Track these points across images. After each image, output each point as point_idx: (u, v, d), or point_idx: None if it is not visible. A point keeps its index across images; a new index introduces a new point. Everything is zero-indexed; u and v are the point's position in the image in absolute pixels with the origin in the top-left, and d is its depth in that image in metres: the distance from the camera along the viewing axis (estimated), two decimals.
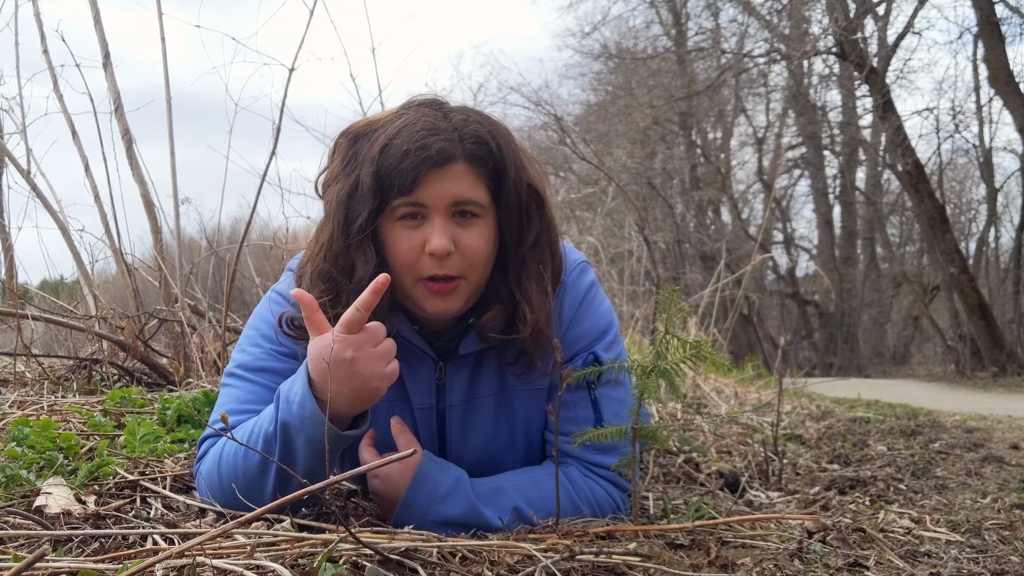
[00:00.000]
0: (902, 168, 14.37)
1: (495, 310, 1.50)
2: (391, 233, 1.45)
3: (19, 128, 3.23)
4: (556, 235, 1.57)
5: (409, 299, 1.49)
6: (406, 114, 1.46)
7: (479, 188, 1.45)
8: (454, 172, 1.42)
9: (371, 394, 1.31)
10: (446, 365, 1.57)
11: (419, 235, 1.43)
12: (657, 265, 7.39)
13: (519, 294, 1.49)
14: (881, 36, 16.91)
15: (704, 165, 21.21)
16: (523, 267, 1.51)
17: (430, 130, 1.41)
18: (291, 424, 1.30)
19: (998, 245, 20.49)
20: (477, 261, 1.46)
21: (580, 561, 1.19)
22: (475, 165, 1.44)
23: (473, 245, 1.44)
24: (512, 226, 1.50)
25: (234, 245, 3.24)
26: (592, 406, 1.58)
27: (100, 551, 1.17)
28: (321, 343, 1.28)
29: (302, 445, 1.29)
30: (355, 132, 1.50)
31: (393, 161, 1.40)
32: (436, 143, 1.40)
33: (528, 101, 16.06)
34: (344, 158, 1.49)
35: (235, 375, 1.53)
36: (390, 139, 1.42)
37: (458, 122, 1.45)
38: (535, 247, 1.52)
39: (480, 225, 1.46)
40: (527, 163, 1.53)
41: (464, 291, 1.47)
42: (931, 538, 1.64)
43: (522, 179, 1.49)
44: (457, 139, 1.42)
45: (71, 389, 2.62)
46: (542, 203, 1.53)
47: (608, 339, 1.62)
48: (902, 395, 8.02)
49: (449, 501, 1.42)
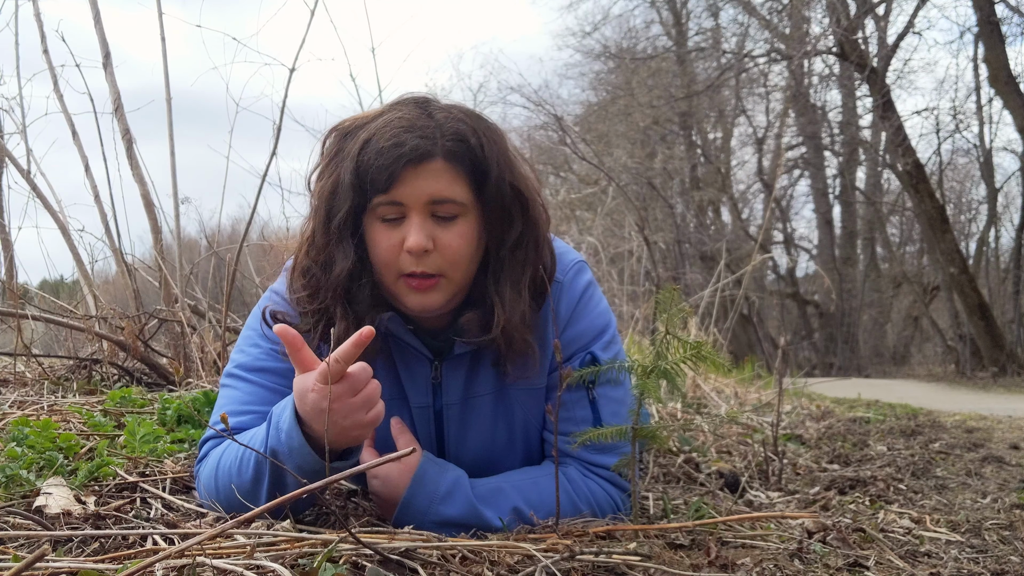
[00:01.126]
0: (902, 168, 14.37)
1: (472, 312, 1.50)
2: (371, 231, 1.45)
3: (19, 128, 3.23)
4: (544, 238, 1.55)
5: (392, 296, 1.49)
6: (388, 112, 1.46)
7: (458, 186, 1.43)
8: (431, 170, 1.41)
9: (353, 440, 1.30)
10: (442, 364, 1.57)
11: (398, 233, 1.43)
12: (657, 265, 7.39)
13: (495, 296, 1.48)
14: (881, 36, 16.92)
15: (704, 165, 21.20)
16: (501, 269, 1.50)
17: (408, 128, 1.40)
18: (280, 452, 1.30)
19: (998, 245, 20.53)
20: (457, 260, 1.45)
21: (580, 561, 1.19)
22: (454, 163, 1.42)
23: (452, 244, 1.43)
24: (494, 226, 1.49)
25: (234, 245, 3.24)
26: (590, 406, 1.58)
27: (100, 551, 1.16)
28: (303, 385, 1.26)
29: (293, 470, 1.29)
30: (343, 129, 1.51)
31: (371, 158, 1.40)
32: (411, 140, 1.39)
33: (528, 101, 16.06)
34: (330, 155, 1.50)
35: (235, 376, 1.53)
36: (370, 136, 1.42)
37: (440, 119, 1.44)
38: (516, 249, 1.50)
39: (461, 224, 1.44)
40: (515, 164, 1.51)
41: (445, 288, 1.46)
42: (931, 538, 1.64)
43: (505, 179, 1.46)
44: (437, 136, 1.41)
45: (71, 389, 2.62)
46: (527, 205, 1.50)
47: (606, 339, 1.62)
48: (902, 395, 8.02)
49: (449, 502, 1.42)
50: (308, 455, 1.27)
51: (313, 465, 1.27)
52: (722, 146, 22.75)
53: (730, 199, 21.78)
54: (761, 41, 17.74)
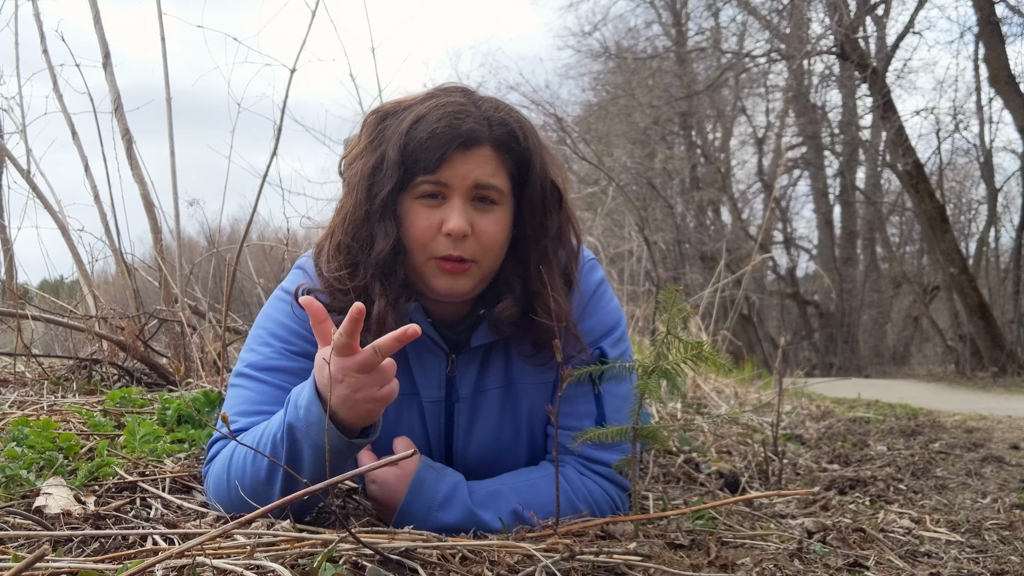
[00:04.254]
0: (902, 168, 14.37)
1: (507, 300, 1.51)
2: (409, 210, 1.46)
3: (19, 128, 3.23)
4: (576, 233, 1.60)
5: (419, 277, 1.49)
6: (437, 96, 1.48)
7: (501, 175, 1.47)
8: (479, 155, 1.44)
9: (366, 413, 1.29)
10: (457, 358, 1.58)
11: (437, 214, 1.44)
12: (657, 265, 7.39)
13: (541, 285, 1.50)
14: (881, 36, 16.92)
15: (704, 165, 21.20)
16: (545, 259, 1.52)
17: (460, 112, 1.43)
18: (297, 428, 1.29)
19: (998, 245, 20.52)
20: (491, 247, 1.47)
21: (580, 561, 1.19)
22: (501, 152, 1.46)
23: (489, 231, 1.45)
24: (535, 218, 1.52)
25: (234, 245, 3.24)
26: (595, 401, 1.59)
27: (100, 551, 1.16)
28: (324, 358, 1.27)
29: (308, 450, 1.29)
30: (384, 111, 1.53)
31: (421, 138, 1.41)
32: (466, 124, 1.42)
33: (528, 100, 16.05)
34: (371, 135, 1.51)
35: (245, 375, 1.52)
36: (419, 117, 1.44)
37: (487, 109, 1.47)
38: (556, 240, 1.54)
39: (498, 212, 1.47)
40: (551, 160, 1.56)
41: (475, 274, 1.48)
42: (931, 538, 1.64)
43: (546, 173, 1.52)
44: (486, 124, 1.44)
45: (71, 389, 2.62)
46: (562, 199, 1.56)
47: (615, 335, 1.63)
48: (902, 395, 8.02)
49: (447, 508, 1.42)
50: (325, 430, 1.26)
51: (331, 441, 1.26)
52: (722, 146, 22.76)
53: (730, 199, 21.78)
54: (761, 41, 17.75)
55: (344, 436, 1.28)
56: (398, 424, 1.57)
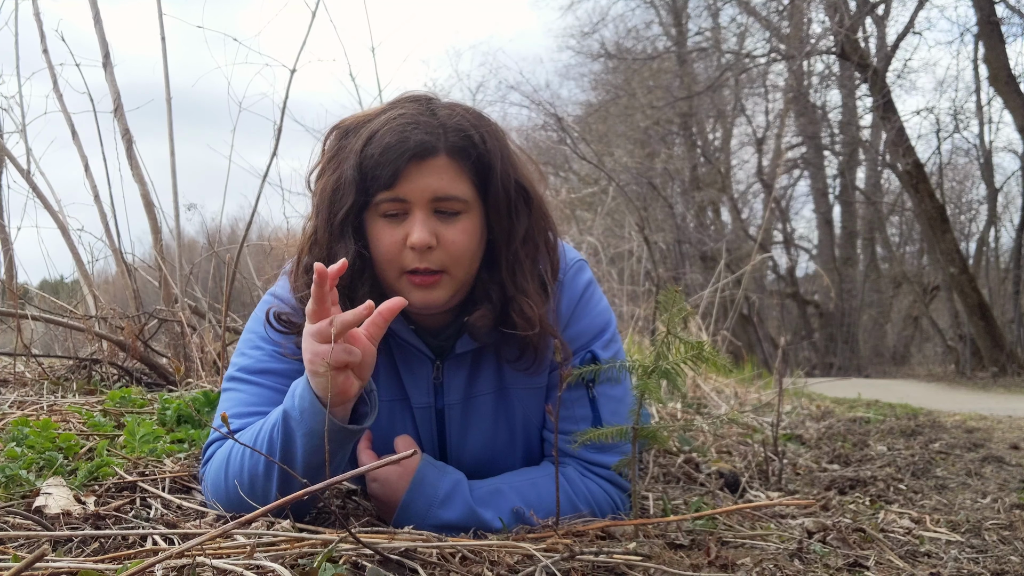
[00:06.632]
0: (902, 168, 14.37)
1: (483, 309, 1.49)
2: (374, 228, 1.46)
3: (19, 127, 3.23)
4: (551, 232, 1.57)
5: (394, 293, 1.49)
6: (393, 108, 1.47)
7: (462, 183, 1.44)
8: (435, 166, 1.41)
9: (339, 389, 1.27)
10: (443, 364, 1.57)
11: (401, 230, 1.43)
12: (657, 265, 7.39)
13: (514, 290, 1.48)
14: (881, 36, 16.91)
15: (704, 165, 21.19)
16: (516, 263, 1.50)
17: (412, 124, 1.41)
18: (291, 416, 1.30)
19: (998, 245, 20.53)
20: (460, 256, 1.45)
21: (580, 561, 1.19)
22: (458, 159, 1.43)
23: (456, 240, 1.44)
24: (501, 222, 1.49)
25: (234, 245, 3.24)
26: (590, 404, 1.58)
27: (100, 551, 1.16)
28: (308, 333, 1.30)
29: (301, 438, 1.29)
30: (345, 127, 1.52)
31: (375, 155, 1.40)
32: (416, 136, 1.40)
33: (528, 100, 16.05)
34: (331, 153, 1.50)
35: (237, 379, 1.52)
36: (373, 133, 1.42)
37: (443, 116, 1.45)
38: (526, 243, 1.51)
39: (464, 220, 1.45)
40: (517, 160, 1.52)
41: (448, 285, 1.46)
42: (931, 538, 1.64)
43: (510, 175, 1.48)
44: (440, 132, 1.42)
45: (71, 389, 2.62)
46: (530, 199, 1.52)
47: (606, 337, 1.62)
48: (902, 395, 8.02)
49: (447, 506, 1.42)
50: (319, 415, 1.27)
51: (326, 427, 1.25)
52: (722, 146, 22.74)
53: (730, 199, 21.77)
54: (761, 41, 17.75)
55: (336, 420, 1.29)
56: (391, 428, 1.57)
